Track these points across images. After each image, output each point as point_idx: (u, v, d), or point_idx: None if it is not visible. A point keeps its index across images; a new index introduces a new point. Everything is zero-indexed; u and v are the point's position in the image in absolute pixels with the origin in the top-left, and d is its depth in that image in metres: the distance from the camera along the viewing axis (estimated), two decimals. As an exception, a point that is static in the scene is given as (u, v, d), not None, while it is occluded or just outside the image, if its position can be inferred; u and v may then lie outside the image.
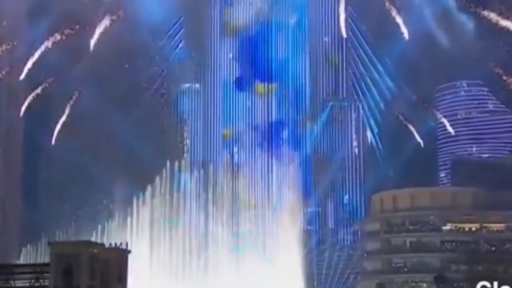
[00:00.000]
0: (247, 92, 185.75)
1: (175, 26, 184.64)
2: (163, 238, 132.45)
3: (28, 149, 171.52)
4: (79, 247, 66.82)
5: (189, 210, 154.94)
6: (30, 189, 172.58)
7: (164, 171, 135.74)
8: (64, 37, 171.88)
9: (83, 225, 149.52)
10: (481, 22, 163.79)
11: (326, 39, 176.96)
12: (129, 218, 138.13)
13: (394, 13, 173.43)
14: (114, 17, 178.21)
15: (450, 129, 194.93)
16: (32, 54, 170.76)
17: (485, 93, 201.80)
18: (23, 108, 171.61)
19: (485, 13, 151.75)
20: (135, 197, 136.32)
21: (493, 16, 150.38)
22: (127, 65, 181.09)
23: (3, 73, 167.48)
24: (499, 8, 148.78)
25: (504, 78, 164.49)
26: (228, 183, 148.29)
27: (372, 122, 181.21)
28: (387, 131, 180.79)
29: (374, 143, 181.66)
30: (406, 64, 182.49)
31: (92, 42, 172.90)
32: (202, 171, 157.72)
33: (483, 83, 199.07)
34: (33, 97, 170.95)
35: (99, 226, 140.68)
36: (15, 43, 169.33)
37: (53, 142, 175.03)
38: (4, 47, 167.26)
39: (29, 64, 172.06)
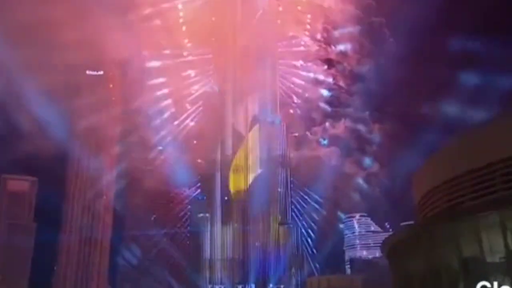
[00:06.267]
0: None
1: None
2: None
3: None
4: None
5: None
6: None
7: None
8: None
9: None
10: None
11: (280, 190, 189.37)
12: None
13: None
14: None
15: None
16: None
17: (369, 220, 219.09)
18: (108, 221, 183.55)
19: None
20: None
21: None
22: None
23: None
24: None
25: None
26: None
27: (306, 236, 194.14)
28: (316, 240, 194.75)
29: (308, 247, 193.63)
30: (328, 198, 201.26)
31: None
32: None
33: (367, 214, 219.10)
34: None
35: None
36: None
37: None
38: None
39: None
